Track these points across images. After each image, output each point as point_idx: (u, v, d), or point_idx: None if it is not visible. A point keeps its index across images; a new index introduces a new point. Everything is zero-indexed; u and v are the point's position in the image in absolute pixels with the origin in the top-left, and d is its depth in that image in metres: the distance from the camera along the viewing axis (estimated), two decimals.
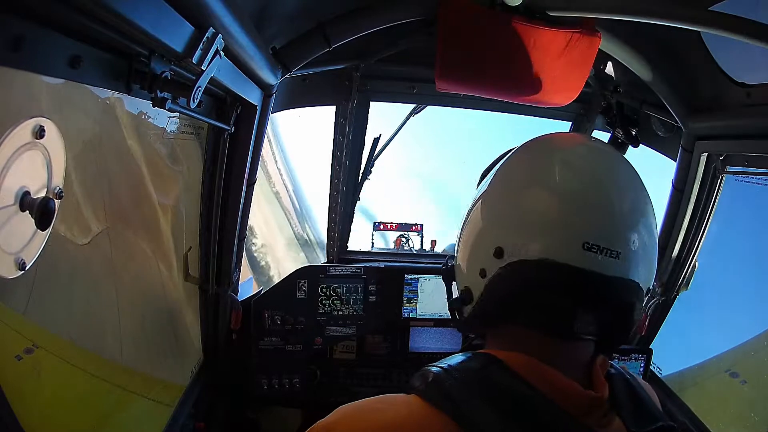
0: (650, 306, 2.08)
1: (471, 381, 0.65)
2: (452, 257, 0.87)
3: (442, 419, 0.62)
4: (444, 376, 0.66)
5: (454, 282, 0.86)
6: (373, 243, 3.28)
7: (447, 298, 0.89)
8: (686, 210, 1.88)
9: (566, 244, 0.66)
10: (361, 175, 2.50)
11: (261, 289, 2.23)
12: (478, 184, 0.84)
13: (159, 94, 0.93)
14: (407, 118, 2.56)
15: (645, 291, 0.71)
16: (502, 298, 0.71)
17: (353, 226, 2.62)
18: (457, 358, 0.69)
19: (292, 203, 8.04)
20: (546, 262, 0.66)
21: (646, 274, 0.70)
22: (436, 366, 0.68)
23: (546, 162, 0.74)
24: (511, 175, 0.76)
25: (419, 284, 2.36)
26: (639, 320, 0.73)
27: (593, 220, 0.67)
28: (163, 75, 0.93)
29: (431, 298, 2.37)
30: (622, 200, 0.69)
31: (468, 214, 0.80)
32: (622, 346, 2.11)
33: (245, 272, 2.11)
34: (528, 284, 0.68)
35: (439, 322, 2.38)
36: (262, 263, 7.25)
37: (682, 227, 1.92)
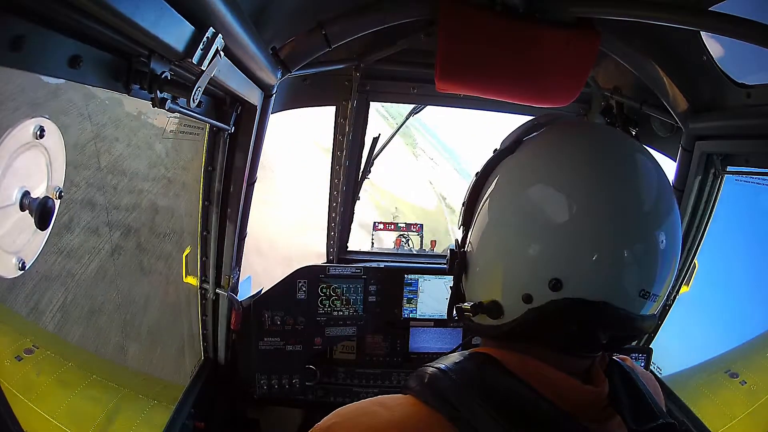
0: None
1: (467, 381, 0.65)
2: (458, 246, 0.78)
3: (438, 420, 0.62)
4: (440, 376, 0.66)
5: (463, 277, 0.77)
6: (373, 243, 3.29)
7: (452, 293, 0.79)
8: (686, 210, 1.88)
9: (626, 290, 0.64)
10: (360, 174, 2.50)
11: (261, 289, 2.23)
12: (488, 170, 0.76)
13: (159, 95, 0.93)
14: (407, 118, 2.56)
15: None
16: (543, 327, 0.66)
17: None
18: (453, 358, 0.69)
19: None
20: (606, 305, 0.63)
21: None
22: (432, 366, 0.68)
23: (609, 197, 0.65)
24: (567, 201, 0.66)
25: (419, 284, 2.36)
26: None
27: (652, 267, 0.65)
28: (163, 75, 0.93)
29: (431, 298, 2.36)
30: (672, 242, 0.67)
31: (496, 213, 0.72)
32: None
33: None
34: (582, 324, 0.65)
35: (439, 323, 2.38)
36: None
37: (682, 227, 1.92)
